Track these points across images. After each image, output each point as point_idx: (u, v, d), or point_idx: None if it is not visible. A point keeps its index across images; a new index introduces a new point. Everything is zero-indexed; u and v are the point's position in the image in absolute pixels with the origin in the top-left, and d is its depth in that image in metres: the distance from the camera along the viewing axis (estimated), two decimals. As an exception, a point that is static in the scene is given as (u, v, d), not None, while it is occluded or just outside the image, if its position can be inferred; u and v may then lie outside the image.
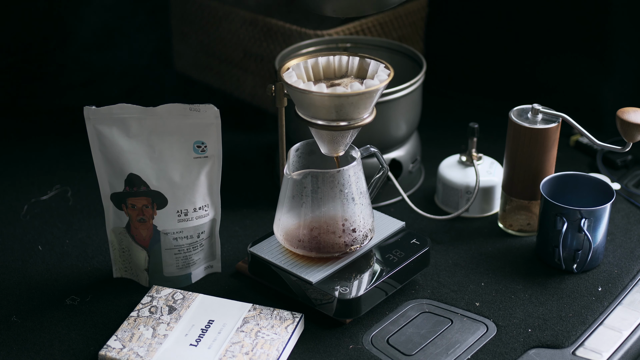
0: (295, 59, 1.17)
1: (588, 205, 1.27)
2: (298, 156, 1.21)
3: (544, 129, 1.29)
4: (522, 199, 1.35)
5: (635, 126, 1.20)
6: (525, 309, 1.20)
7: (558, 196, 1.30)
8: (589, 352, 1.12)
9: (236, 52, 1.77)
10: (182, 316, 1.15)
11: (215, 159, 1.21)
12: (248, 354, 1.09)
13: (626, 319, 1.17)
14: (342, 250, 1.18)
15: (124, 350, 1.10)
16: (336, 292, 1.14)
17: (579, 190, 1.31)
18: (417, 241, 1.24)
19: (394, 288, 1.20)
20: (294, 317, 1.15)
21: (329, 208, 1.17)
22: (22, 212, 1.44)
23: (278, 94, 1.20)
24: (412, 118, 1.45)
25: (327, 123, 1.11)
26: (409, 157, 1.48)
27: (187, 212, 1.21)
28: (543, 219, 1.27)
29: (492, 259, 1.31)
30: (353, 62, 1.18)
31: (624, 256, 1.30)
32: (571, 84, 1.71)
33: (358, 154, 1.19)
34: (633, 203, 1.43)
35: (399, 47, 1.52)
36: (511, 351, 1.12)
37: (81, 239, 1.37)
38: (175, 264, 1.24)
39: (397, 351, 1.12)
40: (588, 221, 1.23)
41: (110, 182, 1.21)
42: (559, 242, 1.24)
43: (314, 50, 1.52)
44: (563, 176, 1.31)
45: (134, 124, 1.18)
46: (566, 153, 1.59)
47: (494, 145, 1.53)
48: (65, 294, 1.24)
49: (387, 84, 1.11)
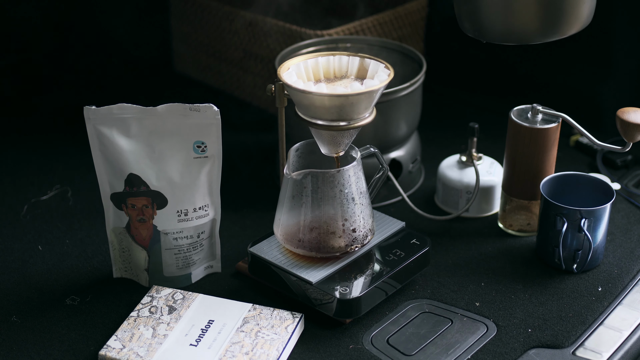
0: (295, 59, 1.17)
1: (588, 206, 1.27)
2: (298, 156, 1.21)
3: (544, 129, 1.29)
4: (522, 199, 1.35)
5: (635, 126, 1.20)
6: (525, 309, 1.20)
7: (558, 196, 1.30)
8: (589, 352, 1.12)
9: (236, 52, 1.77)
10: (182, 316, 1.15)
11: (215, 159, 1.21)
12: (248, 354, 1.09)
13: (626, 319, 1.17)
14: (342, 250, 1.18)
15: (124, 350, 1.10)
16: (336, 292, 1.14)
17: (579, 190, 1.31)
18: (417, 241, 1.24)
19: (394, 288, 1.20)
20: (294, 317, 1.15)
21: (329, 208, 1.17)
22: (22, 212, 1.44)
23: (278, 94, 1.20)
24: (412, 118, 1.45)
25: (327, 123, 1.11)
26: (409, 157, 1.48)
27: (187, 212, 1.21)
28: (543, 219, 1.27)
29: (492, 259, 1.31)
30: (353, 62, 1.18)
31: (624, 256, 1.30)
32: (571, 84, 1.71)
33: (358, 154, 1.19)
34: (633, 203, 1.43)
35: (399, 47, 1.52)
36: (511, 351, 1.12)
37: (81, 239, 1.37)
38: (175, 264, 1.24)
39: (397, 351, 1.12)
40: (588, 221, 1.23)
41: (110, 182, 1.21)
42: (559, 242, 1.24)
43: (314, 50, 1.52)
44: (563, 176, 1.31)
45: (134, 124, 1.18)
46: (566, 153, 1.59)
47: (494, 145, 1.53)
48: (65, 294, 1.24)
49: (387, 84, 1.11)
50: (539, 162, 1.31)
